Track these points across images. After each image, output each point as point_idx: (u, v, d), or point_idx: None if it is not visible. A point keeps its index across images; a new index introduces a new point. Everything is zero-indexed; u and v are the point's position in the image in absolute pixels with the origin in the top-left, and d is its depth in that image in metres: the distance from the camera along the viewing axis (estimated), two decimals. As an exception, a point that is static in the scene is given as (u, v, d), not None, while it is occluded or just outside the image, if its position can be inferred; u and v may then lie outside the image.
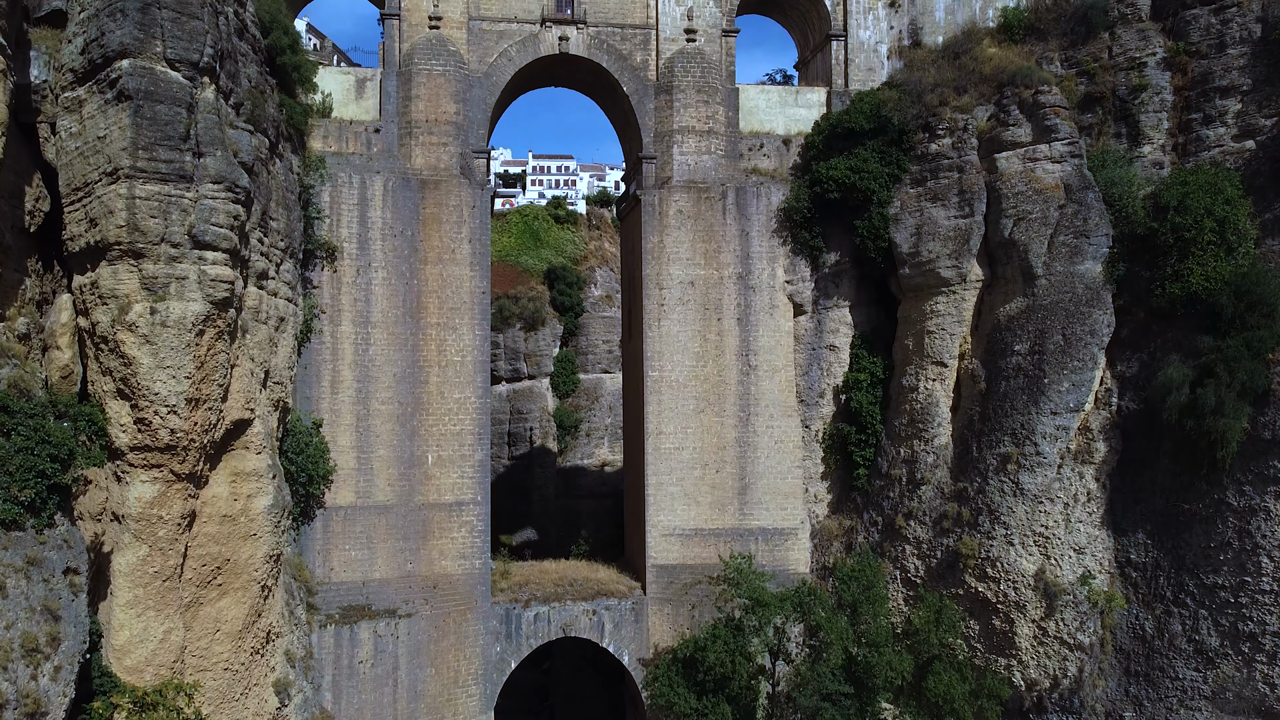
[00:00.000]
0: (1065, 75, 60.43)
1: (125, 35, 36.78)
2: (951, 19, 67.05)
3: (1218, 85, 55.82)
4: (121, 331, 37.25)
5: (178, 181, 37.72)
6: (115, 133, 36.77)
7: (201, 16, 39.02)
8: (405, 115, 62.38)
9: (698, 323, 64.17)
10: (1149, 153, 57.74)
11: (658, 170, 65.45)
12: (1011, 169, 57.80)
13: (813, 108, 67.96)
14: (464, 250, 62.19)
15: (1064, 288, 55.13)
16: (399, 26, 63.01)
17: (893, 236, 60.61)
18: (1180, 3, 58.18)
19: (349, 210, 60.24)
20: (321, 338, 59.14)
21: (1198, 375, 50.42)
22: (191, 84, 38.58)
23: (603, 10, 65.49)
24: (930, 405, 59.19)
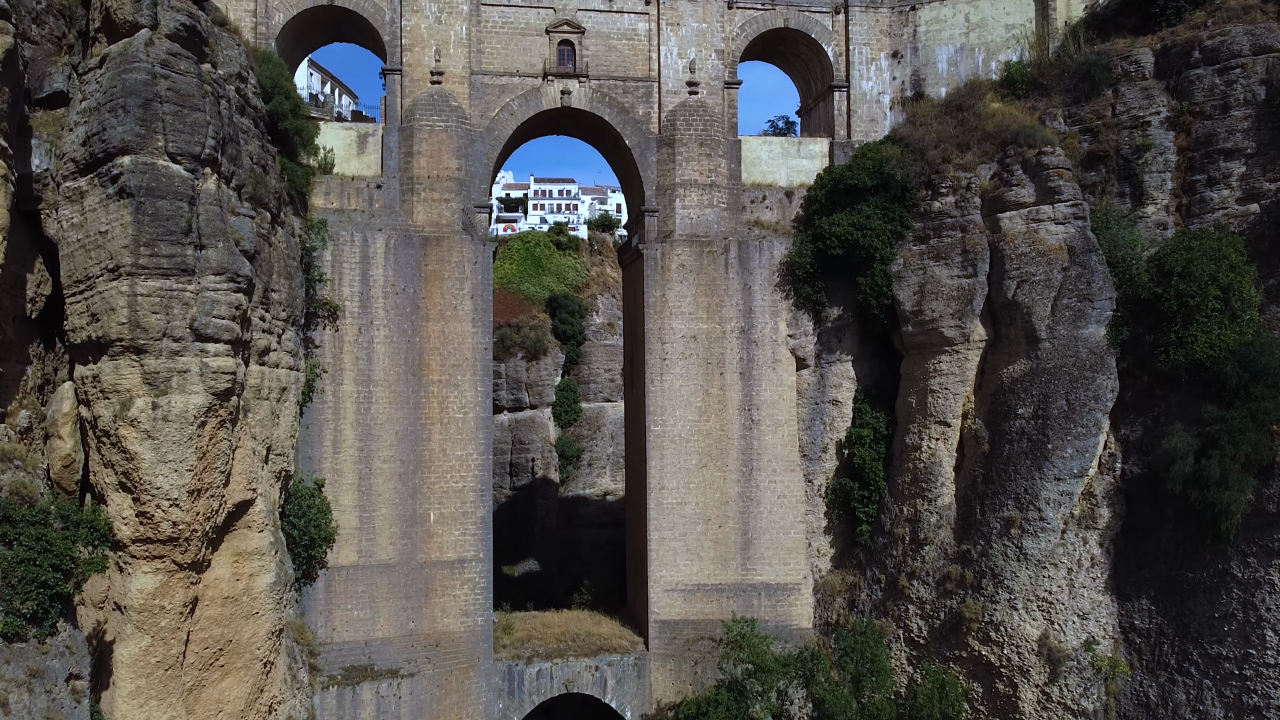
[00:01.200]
0: (1068, 132, 60.26)
1: (127, 132, 36.70)
2: (954, 70, 66.91)
3: (1221, 147, 55.63)
4: (123, 427, 37.18)
5: (179, 275, 37.64)
6: (117, 229, 36.69)
7: (203, 107, 38.95)
8: (407, 171, 62.28)
9: (700, 377, 64.06)
10: (1152, 213, 57.57)
11: (660, 223, 65.34)
12: (1015, 229, 57.65)
13: (815, 159, 67.85)
14: (466, 307, 62.09)
15: (1067, 351, 54.96)
16: (400, 81, 62.92)
17: (896, 294, 60.47)
18: (1184, 61, 57.98)
19: (351, 269, 60.16)
20: (323, 397, 59.05)
21: (1202, 445, 50.25)
22: (193, 175, 38.52)
23: (605, 63, 65.37)
24: (933, 465, 59.06)
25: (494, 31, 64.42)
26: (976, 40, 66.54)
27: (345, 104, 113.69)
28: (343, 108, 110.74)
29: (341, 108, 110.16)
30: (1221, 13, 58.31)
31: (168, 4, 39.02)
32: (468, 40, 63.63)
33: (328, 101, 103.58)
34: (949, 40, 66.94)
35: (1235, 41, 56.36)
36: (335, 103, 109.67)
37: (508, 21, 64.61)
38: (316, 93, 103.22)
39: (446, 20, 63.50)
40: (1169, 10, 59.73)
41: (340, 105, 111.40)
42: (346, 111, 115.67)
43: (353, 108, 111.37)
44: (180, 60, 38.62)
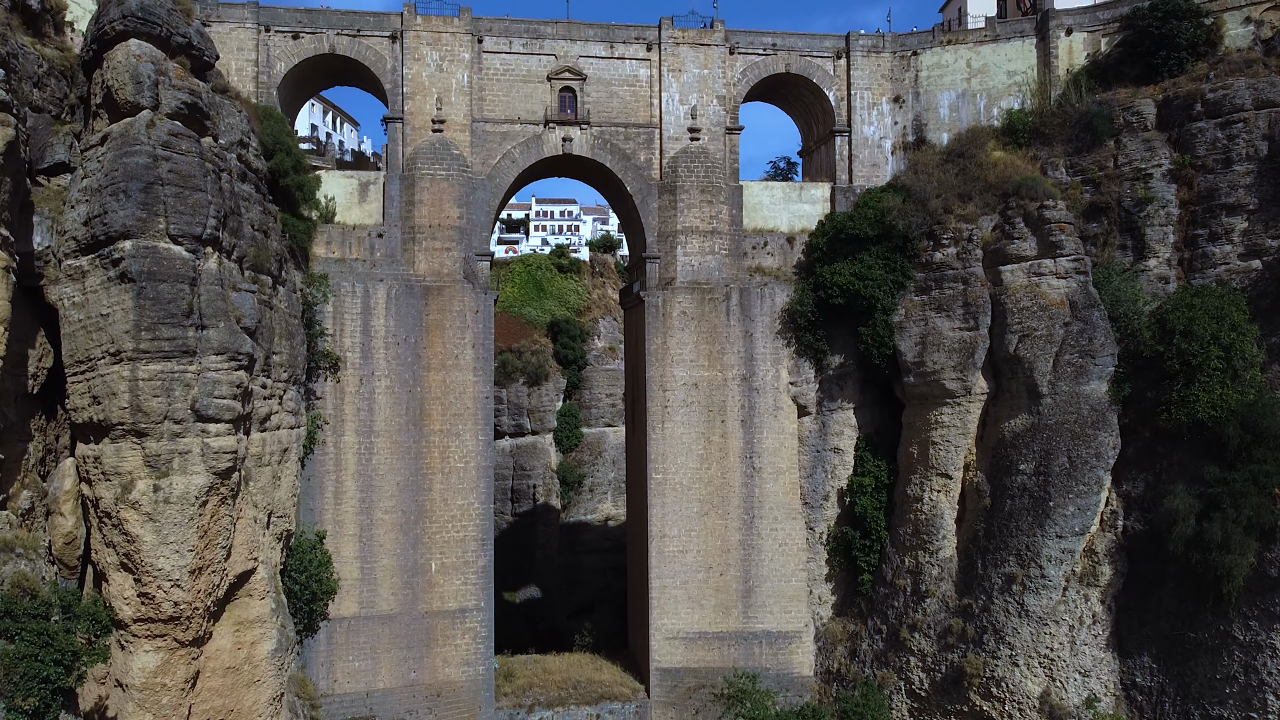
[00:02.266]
0: (1070, 183, 60.21)
1: (128, 216, 36.71)
2: (956, 116, 66.82)
3: (1224, 202, 55.58)
4: (125, 510, 37.18)
5: (181, 357, 37.64)
6: (118, 314, 36.70)
7: (204, 186, 38.95)
8: (408, 220, 62.25)
9: (701, 425, 64.01)
10: (1154, 266, 57.52)
11: (661, 270, 65.30)
12: (1016, 283, 57.58)
13: (816, 203, 67.78)
14: (467, 356, 62.07)
15: (1069, 408, 54.91)
16: (402, 129, 62.88)
17: (897, 344, 60.41)
18: (1186, 114, 57.90)
19: (352, 320, 60.15)
20: (325, 449, 59.05)
21: (1204, 507, 50.21)
22: (195, 256, 38.53)
23: (606, 110, 65.32)
24: (935, 517, 59.01)
25: (495, 79, 64.38)
26: (978, 86, 66.44)
27: (346, 132, 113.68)
28: (344, 136, 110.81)
29: (343, 136, 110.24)
30: (1223, 65, 58.27)
31: (169, 82, 39.00)
32: (469, 88, 63.61)
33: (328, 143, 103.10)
34: (950, 86, 66.83)
35: (1237, 95, 56.30)
36: (337, 132, 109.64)
37: (509, 69, 64.58)
38: (318, 124, 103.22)
39: (448, 68, 63.49)
40: (1171, 61, 59.62)
41: (341, 134, 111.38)
42: (349, 139, 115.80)
43: (353, 148, 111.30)
44: (182, 140, 38.61)
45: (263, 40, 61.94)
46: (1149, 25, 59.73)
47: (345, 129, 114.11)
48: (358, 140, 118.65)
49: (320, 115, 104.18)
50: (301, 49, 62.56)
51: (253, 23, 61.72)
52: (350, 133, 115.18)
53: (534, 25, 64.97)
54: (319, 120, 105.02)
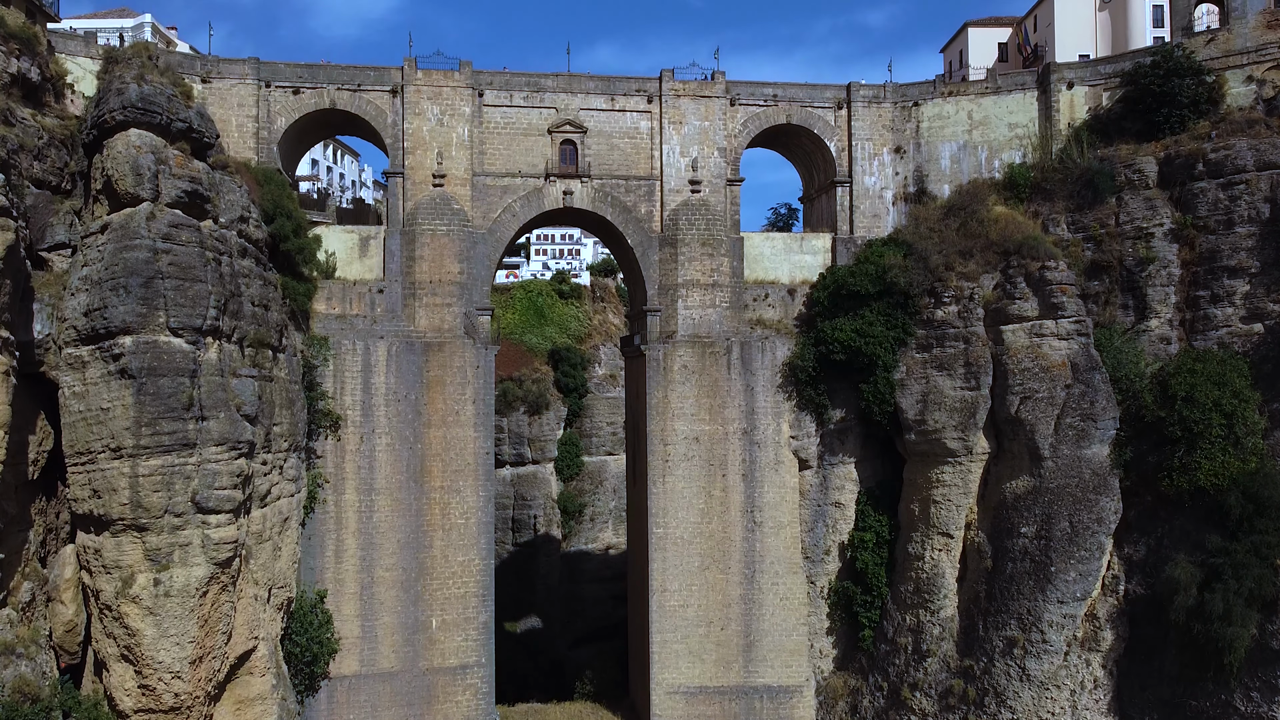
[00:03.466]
0: (1071, 240, 60.17)
1: (128, 312, 36.70)
2: (957, 167, 66.73)
3: (1226, 265, 55.50)
4: (125, 604, 37.19)
5: (181, 450, 37.63)
6: (118, 409, 36.68)
7: (204, 277, 38.93)
8: (409, 275, 62.20)
9: (702, 479, 63.93)
10: (1156, 327, 57.45)
11: (662, 323, 65.23)
12: (1018, 343, 57.50)
13: (818, 254, 67.71)
14: (468, 412, 62.03)
15: (1071, 471, 54.83)
16: (403, 184, 62.83)
17: (899, 402, 60.32)
18: (1188, 173, 57.82)
19: (352, 378, 60.10)
20: (325, 507, 59.01)
21: (1205, 577, 50.15)
22: (195, 347, 38.53)
23: (607, 163, 65.24)
24: (936, 576, 58.95)
25: (496, 132, 64.33)
26: (979, 138, 66.35)
27: (347, 164, 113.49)
28: (345, 168, 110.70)
29: (344, 168, 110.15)
30: (1225, 124, 58.18)
31: (169, 171, 38.99)
32: (469, 142, 63.55)
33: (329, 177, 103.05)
34: (952, 137, 66.73)
35: (1239, 156, 56.22)
36: (338, 165, 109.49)
37: (510, 122, 64.51)
38: (318, 158, 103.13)
39: (449, 122, 63.43)
40: (1173, 119, 59.52)
41: (342, 166, 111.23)
42: (350, 171, 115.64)
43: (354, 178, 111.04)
44: (182, 230, 38.61)
45: (263, 96, 61.87)
46: (1150, 83, 59.61)
47: (346, 160, 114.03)
48: (359, 170, 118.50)
49: (321, 149, 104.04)
50: (302, 104, 62.51)
51: (253, 78, 61.66)
52: (351, 164, 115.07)
53: (534, 78, 64.89)
54: (319, 154, 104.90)
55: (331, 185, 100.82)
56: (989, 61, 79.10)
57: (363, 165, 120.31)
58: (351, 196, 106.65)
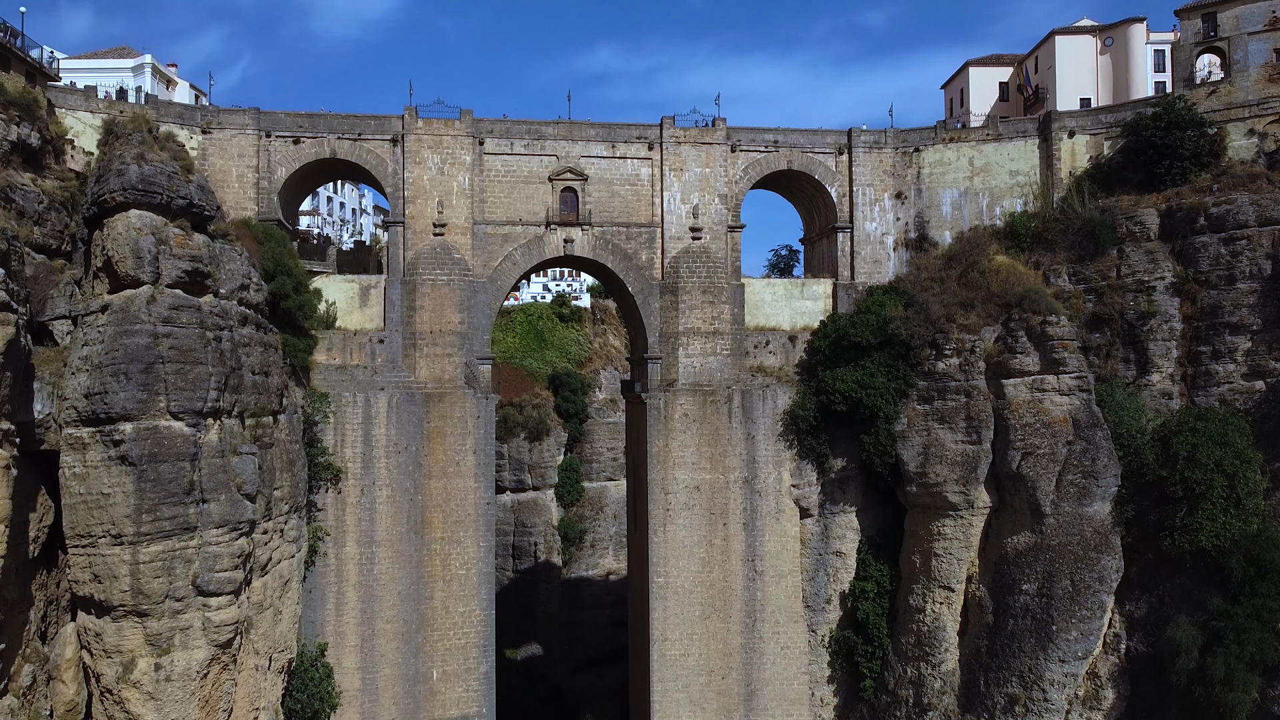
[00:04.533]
0: (1073, 292, 60.10)
1: (128, 399, 36.63)
2: (958, 214, 66.65)
3: (1227, 321, 55.45)
4: (126, 689, 37.14)
5: (181, 535, 37.60)
6: (119, 496, 36.62)
7: (205, 359, 38.87)
8: (409, 325, 62.14)
9: (704, 528, 63.88)
10: (1157, 381, 57.40)
11: (663, 371, 65.16)
12: (1019, 397, 57.45)
13: (819, 299, 67.65)
14: (469, 462, 61.96)
15: (1072, 529, 54.79)
16: (403, 233, 62.76)
17: (900, 453, 60.26)
18: (1189, 226, 57.78)
19: (353, 430, 60.03)
20: (326, 560, 58.96)
21: (1207, 640, 50.14)
22: (195, 430, 38.46)
23: (608, 210, 65.15)
24: (937, 629, 58.90)
25: (497, 180, 64.25)
26: (980, 185, 66.28)
27: (348, 192, 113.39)
28: (345, 197, 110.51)
29: (344, 197, 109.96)
30: (1227, 178, 58.15)
31: (170, 252, 38.92)
32: (470, 190, 63.48)
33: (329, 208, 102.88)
34: (953, 184, 66.65)
35: (1241, 211, 56.20)
36: (338, 194, 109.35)
37: (510, 170, 64.43)
38: (318, 189, 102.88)
39: (449, 171, 63.36)
40: (1174, 171, 59.47)
41: (342, 195, 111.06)
42: (350, 199, 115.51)
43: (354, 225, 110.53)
44: (182, 312, 38.57)
45: (263, 146, 61.81)
46: (1152, 135, 59.54)
47: (346, 189, 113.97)
48: (359, 197, 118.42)
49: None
50: (302, 154, 62.44)
51: (253, 129, 61.61)
52: (351, 191, 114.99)
53: (535, 126, 64.82)
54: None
55: (332, 213, 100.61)
56: (990, 100, 79.01)
57: (363, 190, 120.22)
58: (352, 231, 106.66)
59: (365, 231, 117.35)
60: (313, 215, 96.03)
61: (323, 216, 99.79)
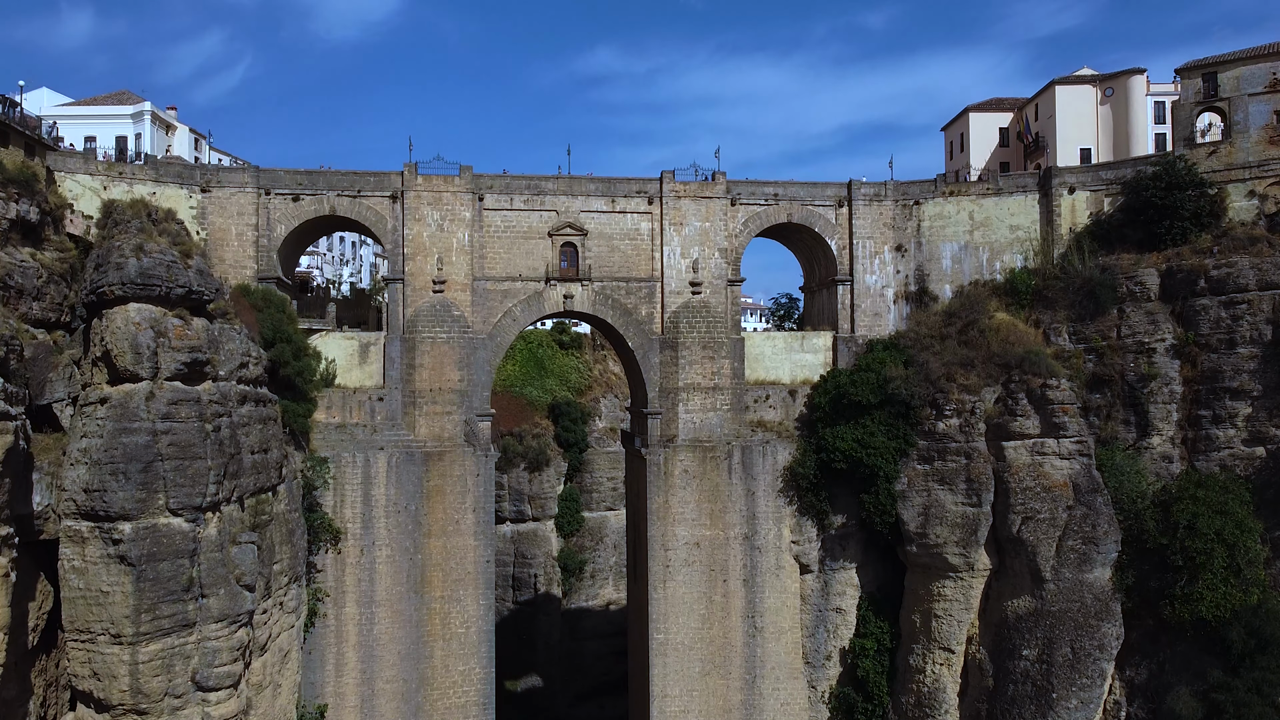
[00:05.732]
0: (1073, 351, 60.08)
1: (127, 499, 36.57)
2: (958, 268, 66.59)
3: (1228, 385, 55.40)
4: (125, 787, 37.02)
5: (180, 631, 37.55)
6: (118, 595, 36.57)
7: (204, 453, 38.80)
8: (409, 384, 62.07)
9: (703, 584, 63.82)
10: (1158, 444, 57.35)
11: (663, 426, 65.07)
12: (1019, 460, 57.38)
13: (819, 352, 67.58)
14: (468, 520, 61.89)
15: (1073, 596, 54.73)
16: (403, 290, 62.67)
17: (900, 513, 60.21)
18: (1190, 288, 57.73)
19: (352, 490, 59.95)
20: (326, 621, 58.88)
21: (1207, 712, 50.19)
22: (194, 525, 38.41)
23: (607, 265, 65.07)
24: (937, 690, 58.86)
25: (496, 236, 64.16)
26: (980, 239, 66.21)
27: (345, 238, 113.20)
28: (346, 249, 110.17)
29: (344, 249, 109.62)
30: (1227, 240, 58.11)
31: (169, 344, 38.86)
32: (470, 246, 63.40)
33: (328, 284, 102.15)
34: (953, 237, 66.59)
35: (1241, 275, 56.17)
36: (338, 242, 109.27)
37: (510, 225, 64.35)
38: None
39: (449, 227, 63.29)
40: (1174, 231, 59.39)
41: (343, 246, 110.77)
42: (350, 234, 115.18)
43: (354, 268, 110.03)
44: (181, 407, 38.50)
45: (263, 204, 61.79)
46: (1152, 195, 59.47)
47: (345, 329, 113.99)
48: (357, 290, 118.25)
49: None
50: (301, 211, 62.39)
51: (253, 186, 61.59)
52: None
53: (535, 181, 64.75)
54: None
55: (332, 248, 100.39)
56: (990, 145, 79.02)
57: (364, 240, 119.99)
58: (354, 269, 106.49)
59: (365, 263, 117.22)
60: (312, 254, 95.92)
61: (322, 254, 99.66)
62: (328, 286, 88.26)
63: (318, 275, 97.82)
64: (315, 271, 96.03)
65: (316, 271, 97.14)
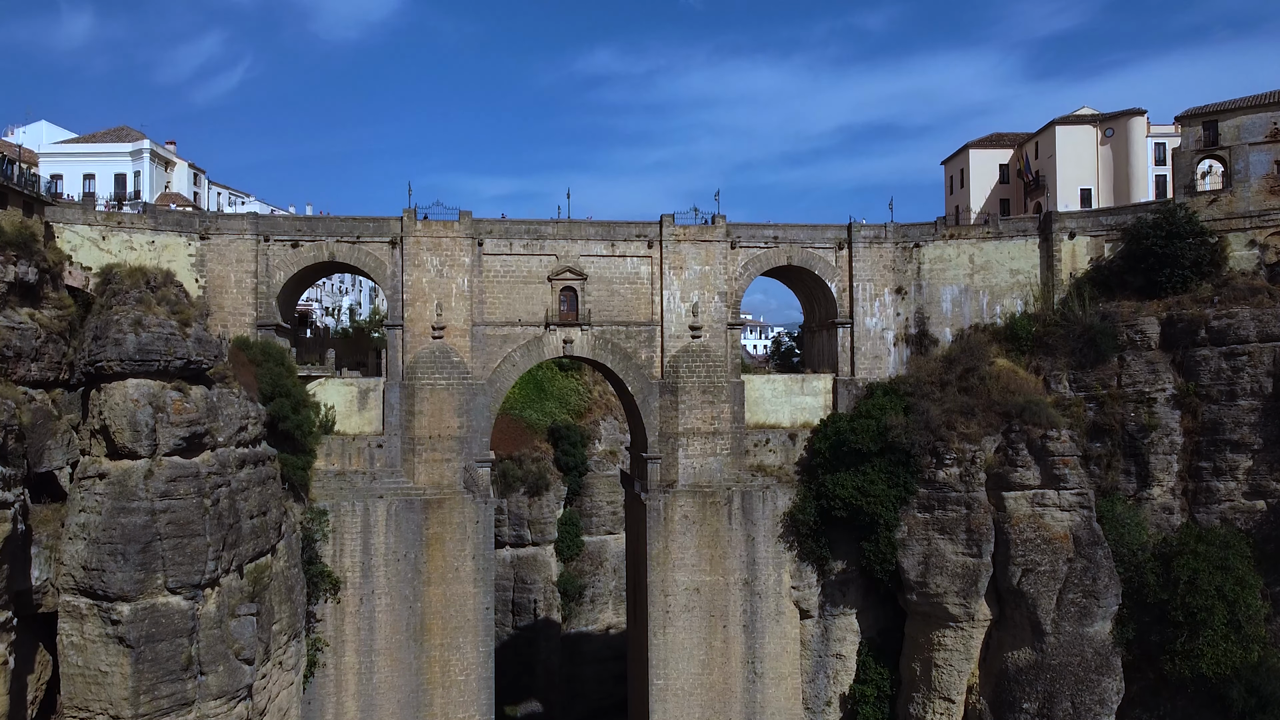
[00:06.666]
0: (1074, 400, 60.01)
1: (125, 580, 36.49)
2: (958, 311, 66.51)
3: (1228, 438, 55.34)
4: None
5: (179, 710, 37.53)
6: (117, 676, 36.51)
7: (203, 529, 38.72)
8: (409, 430, 61.95)
9: (703, 630, 63.72)
10: (1158, 495, 57.29)
11: (662, 471, 64.97)
12: (1020, 511, 57.31)
13: (819, 395, 67.51)
14: (468, 568, 61.79)
15: (1073, 649, 54.67)
16: (402, 336, 62.56)
17: (900, 561, 60.12)
18: (1190, 338, 57.66)
19: (352, 539, 59.82)
20: (325, 671, 58.73)
21: (1208, 771, 50.00)
22: (193, 602, 38.31)
23: (607, 309, 64.96)
24: (937, 740, 58.79)
25: (496, 281, 64.06)
26: (981, 283, 66.13)
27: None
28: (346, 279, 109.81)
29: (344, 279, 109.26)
30: (1228, 290, 58.04)
31: (167, 420, 38.78)
32: (469, 291, 63.29)
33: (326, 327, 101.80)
34: (953, 280, 66.50)
35: (1242, 326, 56.10)
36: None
37: (509, 270, 64.23)
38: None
39: (448, 273, 63.18)
40: (1175, 279, 59.31)
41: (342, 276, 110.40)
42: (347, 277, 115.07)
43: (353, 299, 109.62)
44: (180, 484, 38.41)
45: (262, 250, 61.69)
46: (1153, 244, 59.39)
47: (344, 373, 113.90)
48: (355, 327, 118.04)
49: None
50: (300, 257, 62.30)
51: (252, 233, 61.48)
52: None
53: (534, 225, 64.66)
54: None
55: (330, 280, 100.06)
56: (990, 181, 78.97)
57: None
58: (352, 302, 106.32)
59: (364, 289, 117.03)
60: (311, 286, 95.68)
61: (320, 285, 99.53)
62: (326, 329, 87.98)
63: (317, 308, 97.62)
64: (315, 304, 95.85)
65: (316, 304, 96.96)
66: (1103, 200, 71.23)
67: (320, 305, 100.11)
